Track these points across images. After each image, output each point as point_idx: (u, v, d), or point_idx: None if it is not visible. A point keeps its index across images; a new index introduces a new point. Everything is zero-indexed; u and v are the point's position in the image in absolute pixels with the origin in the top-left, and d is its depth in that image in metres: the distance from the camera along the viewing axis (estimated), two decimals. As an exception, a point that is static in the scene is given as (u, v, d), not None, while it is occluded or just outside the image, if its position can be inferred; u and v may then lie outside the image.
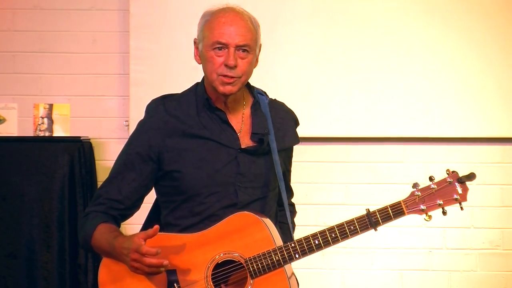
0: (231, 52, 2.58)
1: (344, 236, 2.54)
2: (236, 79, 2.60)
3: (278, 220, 2.76)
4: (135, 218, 2.78)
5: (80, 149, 4.56)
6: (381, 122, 4.67)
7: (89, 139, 4.74)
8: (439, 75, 4.66)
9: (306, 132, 4.52)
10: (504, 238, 4.73)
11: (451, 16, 4.66)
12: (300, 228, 2.84)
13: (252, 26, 2.62)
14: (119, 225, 2.67)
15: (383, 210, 2.54)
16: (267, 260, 2.53)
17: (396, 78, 4.67)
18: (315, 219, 4.69)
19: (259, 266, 2.52)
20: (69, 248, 4.47)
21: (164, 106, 2.67)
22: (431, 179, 2.56)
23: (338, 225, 2.55)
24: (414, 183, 2.56)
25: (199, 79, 2.76)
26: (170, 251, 2.53)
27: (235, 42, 2.58)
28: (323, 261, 4.72)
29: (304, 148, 4.64)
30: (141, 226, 2.78)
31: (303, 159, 4.64)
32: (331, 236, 2.54)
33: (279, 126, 2.73)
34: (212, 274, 2.53)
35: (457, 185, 2.55)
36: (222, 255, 2.54)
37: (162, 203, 2.73)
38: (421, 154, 4.73)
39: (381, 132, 4.69)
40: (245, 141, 2.67)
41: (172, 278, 2.52)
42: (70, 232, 4.45)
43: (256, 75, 2.77)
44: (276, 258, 2.53)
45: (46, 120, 4.65)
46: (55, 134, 4.65)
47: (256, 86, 2.78)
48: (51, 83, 4.87)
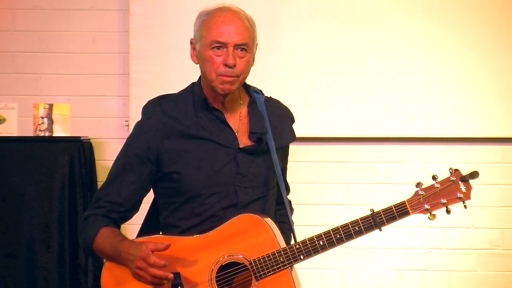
0: (230, 51, 2.57)
1: (349, 237, 2.53)
2: (235, 78, 2.59)
3: (278, 220, 2.75)
4: (135, 218, 2.77)
5: (80, 149, 4.56)
6: (381, 122, 4.67)
7: (89, 139, 4.74)
8: (439, 75, 4.66)
9: (306, 132, 4.54)
10: (504, 238, 4.73)
11: (451, 16, 4.66)
12: (300, 228, 2.83)
13: (249, 25, 2.61)
14: (119, 227, 2.66)
15: (388, 210, 2.53)
16: (272, 262, 2.52)
17: (396, 78, 4.67)
18: (315, 219, 4.69)
19: (264, 267, 2.52)
20: (69, 248, 4.47)
21: (161, 107, 2.66)
22: (434, 178, 2.55)
23: (343, 225, 2.54)
24: (418, 183, 2.55)
25: (199, 79, 2.76)
26: (174, 254, 2.52)
27: (233, 41, 2.57)
28: (323, 261, 4.72)
29: (304, 148, 4.64)
30: (139, 226, 2.78)
31: (303, 159, 4.64)
32: (335, 236, 2.53)
33: (276, 124, 2.72)
34: (217, 277, 2.53)
35: (460, 183, 2.54)
36: (226, 257, 2.53)
37: (161, 205, 2.72)
38: (421, 154, 4.73)
39: (381, 132, 4.69)
40: (243, 140, 2.66)
41: (176, 281, 2.50)
42: (70, 232, 4.45)
43: (256, 75, 2.76)
44: (281, 259, 2.53)
45: (46, 120, 4.65)
46: (55, 134, 4.65)
47: (254, 85, 2.76)
48: (51, 83, 4.87)
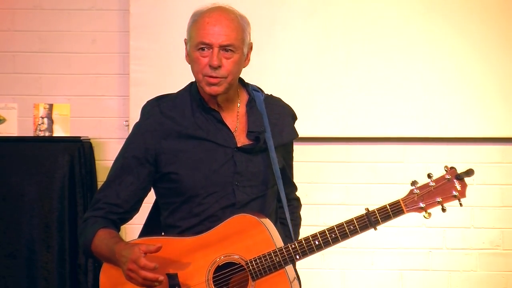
0: (215, 52, 2.56)
1: (344, 236, 2.53)
2: (221, 80, 2.58)
3: (279, 217, 2.76)
4: (136, 218, 2.77)
5: (80, 149, 4.56)
6: (381, 122, 4.67)
7: (89, 139, 4.74)
8: (439, 75, 4.66)
9: (306, 132, 4.53)
10: (504, 238, 4.73)
11: (451, 16, 4.66)
12: (300, 228, 2.85)
13: (239, 25, 2.59)
14: (119, 229, 2.67)
15: (383, 209, 2.53)
16: (268, 262, 2.52)
17: (396, 78, 4.66)
18: (315, 219, 4.69)
19: (260, 268, 2.52)
20: (69, 248, 4.47)
21: (159, 108, 2.66)
22: (429, 176, 2.54)
23: (338, 225, 2.54)
24: (413, 181, 2.55)
25: (199, 79, 2.75)
26: (170, 255, 2.52)
27: (218, 42, 2.56)
28: (323, 261, 4.72)
29: (304, 148, 4.64)
30: (141, 226, 2.78)
31: (303, 159, 4.64)
32: (331, 236, 2.53)
33: (276, 122, 2.71)
34: (214, 277, 2.53)
35: (455, 181, 2.53)
36: (222, 257, 2.53)
37: (161, 205, 2.72)
38: (421, 154, 4.73)
39: (381, 132, 4.69)
40: (241, 139, 2.66)
41: (174, 281, 2.51)
42: (70, 232, 4.45)
43: (255, 75, 2.76)
44: (277, 259, 2.52)
45: (46, 120, 4.65)
46: (55, 134, 4.65)
47: (252, 83, 2.76)
48: (51, 83, 4.87)
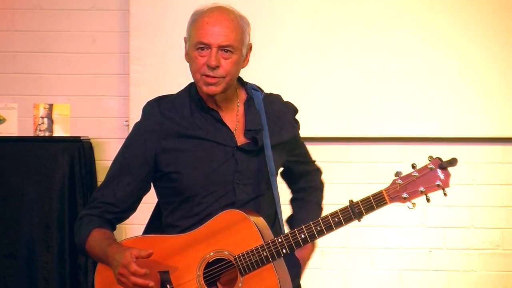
0: (213, 52, 2.56)
1: (329, 228, 2.53)
2: (219, 80, 2.59)
3: (306, 198, 2.84)
4: (136, 218, 2.78)
5: (80, 149, 4.56)
6: (381, 122, 4.67)
7: (89, 139, 4.74)
8: (440, 74, 4.66)
9: (305, 132, 4.51)
10: (504, 238, 4.73)
11: (453, 15, 4.66)
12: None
13: (239, 26, 2.60)
14: (114, 228, 2.68)
15: (366, 200, 2.56)
16: (256, 257, 2.52)
17: (396, 78, 4.66)
18: (315, 219, 4.68)
19: (248, 263, 2.53)
20: (69, 248, 4.47)
21: (159, 108, 2.67)
22: (413, 166, 2.54)
23: (323, 217, 2.54)
24: (397, 172, 2.56)
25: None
26: (161, 253, 2.54)
27: (217, 42, 2.56)
28: (323, 261, 4.71)
29: (304, 148, 4.64)
30: (141, 226, 2.78)
31: (303, 159, 4.64)
32: (316, 229, 2.53)
33: (275, 120, 2.72)
34: (204, 273, 2.54)
35: (438, 171, 2.50)
36: (212, 254, 2.55)
37: (162, 204, 2.73)
38: (421, 154, 4.72)
39: (381, 132, 4.69)
40: (240, 138, 2.67)
41: (165, 279, 2.53)
42: (70, 232, 4.45)
43: (255, 75, 2.76)
44: (264, 254, 2.53)
45: (46, 120, 4.65)
46: (55, 134, 4.65)
47: (251, 82, 2.76)
48: (51, 83, 4.87)
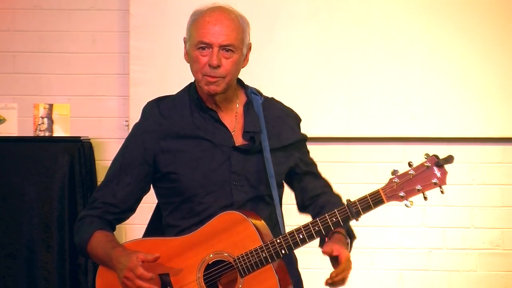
0: (215, 52, 2.57)
1: (327, 228, 2.53)
2: (220, 79, 2.59)
3: (324, 200, 2.74)
4: (136, 218, 2.78)
5: (80, 149, 4.56)
6: (381, 122, 4.67)
7: (89, 139, 4.74)
8: (440, 75, 4.66)
9: (306, 132, 4.53)
10: (504, 238, 4.73)
11: (452, 16, 4.66)
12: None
13: (239, 25, 2.61)
14: (114, 229, 2.68)
15: (363, 200, 2.53)
16: (255, 258, 2.52)
17: (396, 78, 4.66)
18: (315, 219, 4.68)
19: (247, 264, 2.52)
20: (69, 248, 4.47)
21: (158, 109, 2.68)
22: (409, 164, 2.54)
23: (321, 218, 2.54)
24: (393, 170, 2.55)
25: (199, 79, 2.75)
26: (162, 255, 2.53)
27: (218, 41, 2.57)
28: (323, 261, 4.70)
29: (304, 148, 4.64)
30: (141, 226, 2.78)
31: (303, 159, 4.64)
32: (314, 229, 2.53)
33: (274, 124, 2.72)
34: (204, 275, 2.54)
35: (435, 169, 2.51)
36: (212, 255, 2.54)
37: (162, 205, 2.73)
38: (421, 154, 4.72)
39: (381, 132, 4.69)
40: (238, 139, 2.67)
41: (165, 281, 2.53)
42: (70, 232, 4.44)
43: (256, 75, 2.76)
44: (263, 255, 2.52)
45: (46, 120, 4.65)
46: (55, 134, 4.65)
47: (254, 86, 2.76)
48: (51, 83, 4.87)
